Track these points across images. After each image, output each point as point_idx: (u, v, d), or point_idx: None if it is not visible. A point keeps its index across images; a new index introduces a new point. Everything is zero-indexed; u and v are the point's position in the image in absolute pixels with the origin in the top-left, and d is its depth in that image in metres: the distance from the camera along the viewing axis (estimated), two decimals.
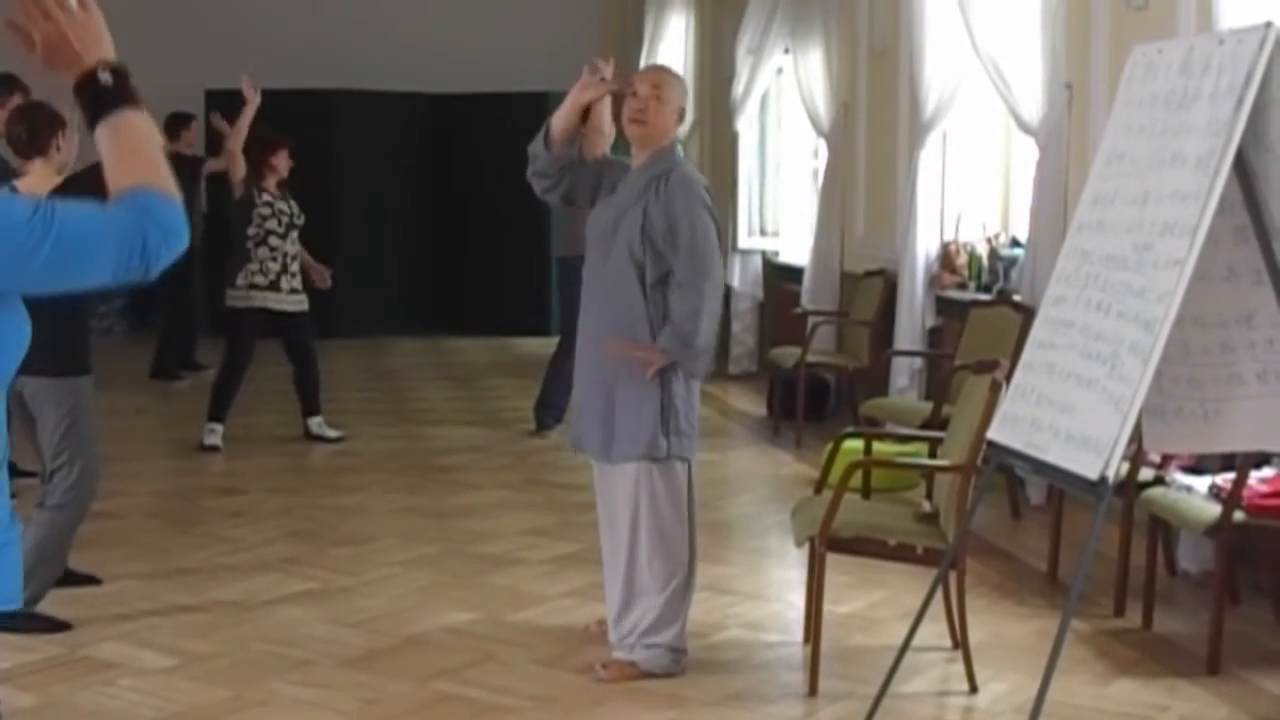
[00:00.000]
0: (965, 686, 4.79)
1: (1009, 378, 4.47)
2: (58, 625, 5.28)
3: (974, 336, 7.59)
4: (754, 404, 10.48)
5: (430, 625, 5.45)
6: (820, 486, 5.42)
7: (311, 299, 8.96)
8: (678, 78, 5.03)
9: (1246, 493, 5.05)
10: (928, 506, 5.16)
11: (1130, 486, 5.42)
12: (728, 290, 9.75)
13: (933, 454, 5.53)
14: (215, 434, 8.74)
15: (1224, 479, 5.24)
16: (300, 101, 13.32)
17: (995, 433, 4.31)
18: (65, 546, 5.42)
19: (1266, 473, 5.28)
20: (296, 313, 8.82)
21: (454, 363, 12.92)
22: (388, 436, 9.32)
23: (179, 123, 11.26)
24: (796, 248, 11.36)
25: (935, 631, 5.02)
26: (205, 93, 12.87)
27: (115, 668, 4.96)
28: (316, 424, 9.05)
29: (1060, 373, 4.07)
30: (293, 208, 8.81)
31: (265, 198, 8.74)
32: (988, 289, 8.27)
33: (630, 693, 4.76)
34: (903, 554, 4.83)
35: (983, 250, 8.51)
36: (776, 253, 11.98)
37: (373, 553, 6.48)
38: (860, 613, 5.60)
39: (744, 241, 11.96)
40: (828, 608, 4.97)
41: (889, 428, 7.70)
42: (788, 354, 9.50)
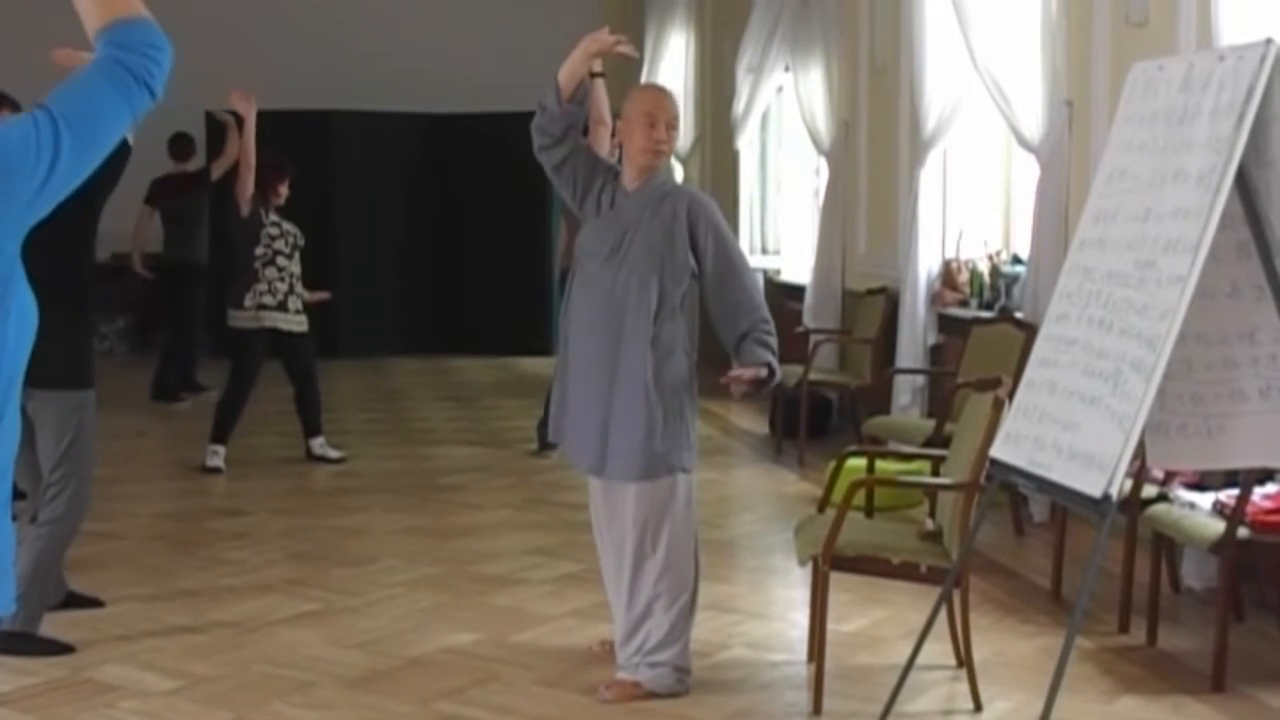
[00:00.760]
0: (970, 705, 4.78)
1: (1011, 395, 4.47)
2: (60, 648, 5.26)
3: (976, 354, 7.59)
4: (756, 422, 10.47)
5: (433, 646, 5.44)
6: (823, 505, 5.41)
7: (312, 319, 8.97)
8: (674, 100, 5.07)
9: (1250, 509, 5.04)
10: (931, 525, 5.14)
11: (1134, 503, 5.41)
12: None
13: (936, 472, 5.51)
14: (218, 455, 8.72)
15: (1228, 495, 5.23)
16: (300, 122, 13.36)
17: (998, 450, 4.31)
18: (60, 563, 5.40)
19: (1270, 488, 5.27)
20: (299, 333, 8.83)
21: (455, 382, 12.92)
22: (390, 457, 9.31)
23: (186, 144, 11.28)
24: (798, 266, 11.37)
25: (939, 650, 5.01)
26: (205, 113, 12.88)
27: (117, 690, 4.94)
28: (318, 445, 9.04)
29: (1063, 390, 4.07)
30: (294, 229, 8.82)
31: (273, 217, 8.73)
32: (989, 306, 8.26)
33: (634, 713, 4.74)
34: (906, 572, 4.82)
35: (984, 267, 8.51)
36: (778, 271, 11.99)
37: (375, 573, 6.47)
38: (864, 631, 5.59)
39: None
40: (831, 626, 4.95)
41: (892, 446, 7.68)
42: (790, 372, 9.44)
